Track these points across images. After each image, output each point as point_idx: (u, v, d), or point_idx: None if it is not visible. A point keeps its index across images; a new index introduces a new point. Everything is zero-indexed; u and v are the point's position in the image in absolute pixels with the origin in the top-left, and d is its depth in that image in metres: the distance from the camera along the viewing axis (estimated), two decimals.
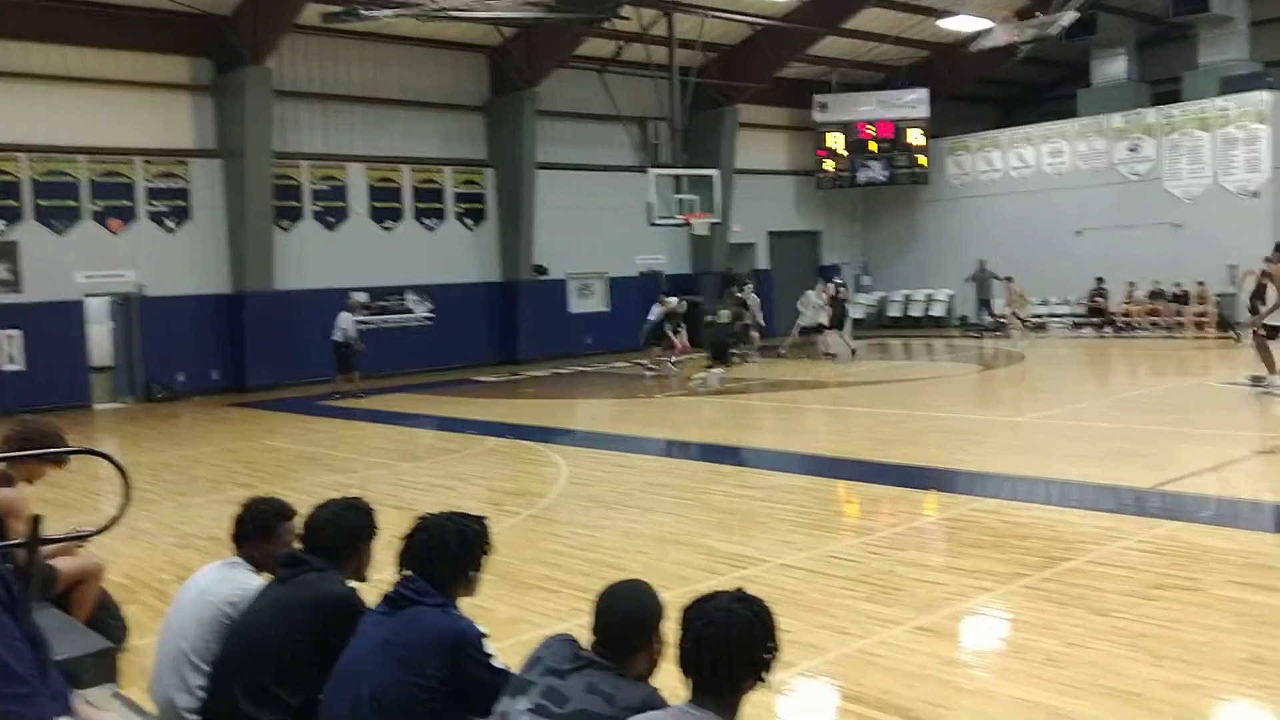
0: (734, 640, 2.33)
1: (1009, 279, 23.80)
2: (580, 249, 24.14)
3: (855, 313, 21.89)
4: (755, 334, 21.73)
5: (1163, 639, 4.90)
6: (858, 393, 16.55)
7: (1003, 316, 24.51)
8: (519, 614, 5.67)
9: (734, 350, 19.89)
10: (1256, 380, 13.08)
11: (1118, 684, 4.41)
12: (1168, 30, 25.53)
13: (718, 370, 16.11)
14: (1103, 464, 9.15)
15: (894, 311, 29.03)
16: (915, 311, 28.71)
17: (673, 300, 20.21)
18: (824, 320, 21.11)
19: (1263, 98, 22.88)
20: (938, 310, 28.36)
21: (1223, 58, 24.37)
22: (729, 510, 8.27)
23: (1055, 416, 12.52)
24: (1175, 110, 24.29)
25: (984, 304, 24.89)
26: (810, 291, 21.98)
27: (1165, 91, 25.48)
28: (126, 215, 18.67)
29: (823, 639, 5.14)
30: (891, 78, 28.24)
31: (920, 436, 11.52)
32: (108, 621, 4.83)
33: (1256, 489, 8.58)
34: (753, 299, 22.36)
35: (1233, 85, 23.45)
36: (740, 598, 2.41)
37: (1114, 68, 26.30)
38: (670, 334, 19.66)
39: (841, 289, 22.19)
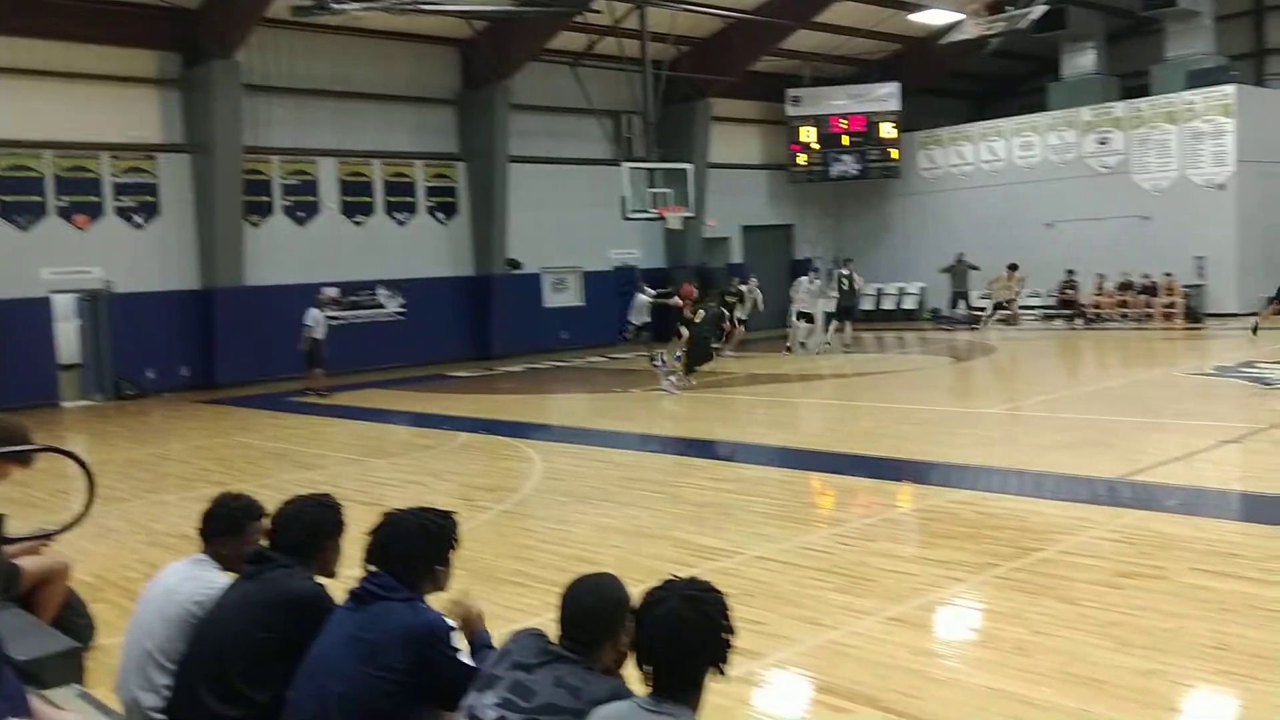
0: (685, 643, 2.33)
1: (1013, 266, 23.95)
2: (554, 243, 24.06)
3: (830, 306, 21.83)
4: (741, 329, 21.61)
5: (1130, 626, 4.96)
6: (831, 386, 16.62)
7: (979, 309, 24.62)
8: (491, 609, 5.63)
9: (714, 344, 19.84)
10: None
11: (1086, 671, 4.46)
12: (1136, 24, 25.77)
13: (673, 377, 16.10)
14: (1073, 454, 9.24)
15: (866, 305, 29.04)
16: (888, 304, 28.80)
17: (651, 290, 20.14)
18: (813, 309, 21.07)
19: (1228, 91, 23.12)
20: (910, 303, 28.47)
21: (1189, 52, 24.62)
22: (702, 503, 8.28)
23: (1027, 408, 12.63)
24: (1143, 104, 24.50)
25: (959, 296, 25.01)
26: (803, 278, 21.92)
27: (1134, 85, 25.72)
28: (93, 211, 18.44)
29: (794, 630, 5.17)
30: (863, 71, 28.31)
31: (893, 429, 11.58)
32: (74, 621, 4.77)
33: (1223, 478, 8.68)
34: (756, 294, 22.16)
35: (1199, 79, 23.68)
36: (688, 596, 2.37)
37: (1083, 61, 26.48)
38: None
39: (845, 280, 21.90)
